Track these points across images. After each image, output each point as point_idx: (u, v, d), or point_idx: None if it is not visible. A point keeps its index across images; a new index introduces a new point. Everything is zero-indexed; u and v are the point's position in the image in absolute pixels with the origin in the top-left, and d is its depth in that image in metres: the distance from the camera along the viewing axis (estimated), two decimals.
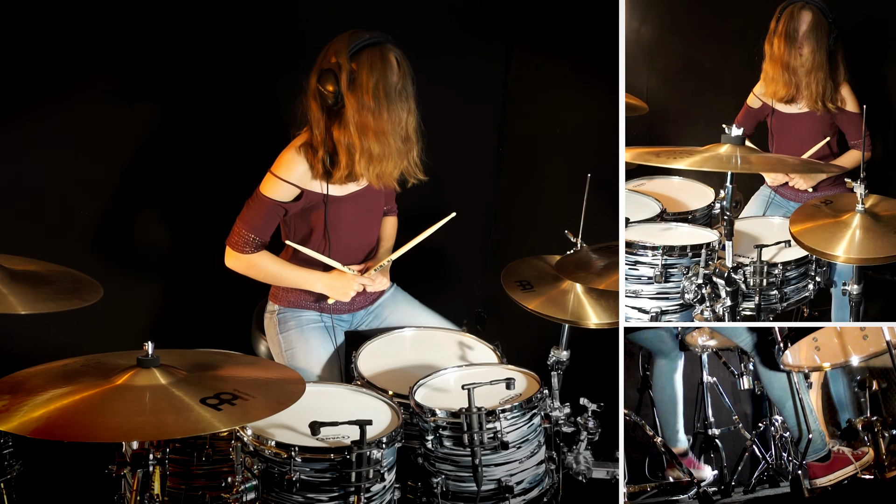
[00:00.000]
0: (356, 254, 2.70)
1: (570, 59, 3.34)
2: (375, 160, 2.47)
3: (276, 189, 2.51)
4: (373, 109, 2.41)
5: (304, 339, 2.64)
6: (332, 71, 2.41)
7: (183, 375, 1.94)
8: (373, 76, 2.40)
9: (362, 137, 2.44)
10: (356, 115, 2.42)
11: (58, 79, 2.82)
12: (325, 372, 2.60)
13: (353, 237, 2.68)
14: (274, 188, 2.51)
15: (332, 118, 2.46)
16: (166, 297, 3.17)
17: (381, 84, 2.41)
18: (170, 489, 2.09)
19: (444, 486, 2.19)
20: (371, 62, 2.40)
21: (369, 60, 2.40)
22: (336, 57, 2.41)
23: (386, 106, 2.43)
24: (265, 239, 2.57)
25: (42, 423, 1.73)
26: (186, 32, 2.97)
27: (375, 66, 2.40)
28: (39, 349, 2.34)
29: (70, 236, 2.94)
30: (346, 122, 2.43)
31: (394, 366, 2.55)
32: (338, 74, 2.40)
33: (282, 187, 2.50)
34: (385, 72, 2.41)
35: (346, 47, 2.40)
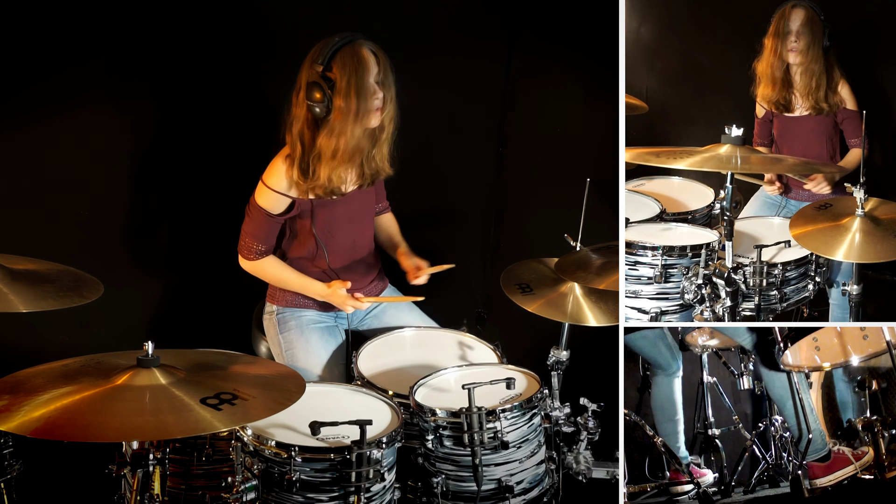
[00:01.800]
0: (351, 254, 2.70)
1: (570, 59, 3.34)
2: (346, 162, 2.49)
3: (268, 199, 2.53)
4: (346, 111, 2.42)
5: (304, 339, 2.65)
6: (315, 81, 2.42)
7: (183, 375, 1.94)
8: (345, 76, 2.41)
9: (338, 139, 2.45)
10: (336, 121, 2.43)
11: (58, 79, 2.82)
12: (326, 372, 2.61)
13: (348, 239, 2.68)
14: (266, 199, 2.54)
15: (321, 128, 2.47)
16: (166, 297, 3.17)
17: (354, 82, 2.42)
18: (170, 489, 2.09)
19: (444, 485, 2.19)
20: (344, 63, 2.41)
21: (341, 62, 2.42)
22: (312, 66, 2.43)
23: (361, 104, 2.43)
24: (270, 245, 2.61)
25: (42, 423, 1.73)
26: (185, 33, 2.97)
27: (348, 65, 2.41)
28: (39, 349, 2.35)
29: (70, 236, 2.93)
30: (329, 130, 2.45)
31: (394, 366, 2.55)
32: (318, 82, 2.41)
33: (273, 197, 2.53)
34: (359, 69, 2.42)
35: (318, 55, 2.42)
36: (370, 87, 2.44)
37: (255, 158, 2.60)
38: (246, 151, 2.64)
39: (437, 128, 2.53)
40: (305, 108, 2.46)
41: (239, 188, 2.62)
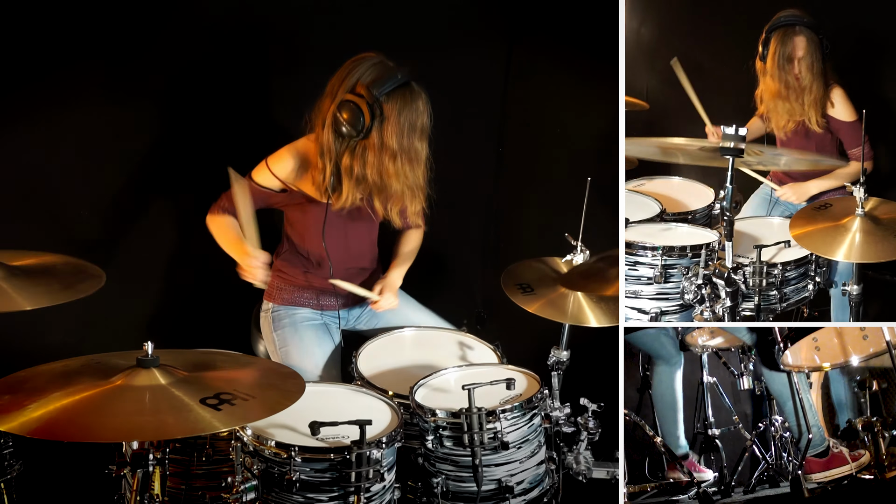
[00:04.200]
0: (344, 259, 2.69)
1: (571, 60, 3.34)
2: (395, 198, 2.50)
3: (264, 177, 2.54)
4: (394, 152, 2.41)
5: (298, 337, 2.64)
6: (356, 103, 2.37)
7: (183, 375, 1.94)
8: (400, 119, 2.39)
9: (382, 175, 2.44)
10: (376, 154, 2.41)
11: (58, 79, 2.82)
12: (321, 371, 2.60)
13: (340, 243, 2.64)
14: (262, 176, 2.54)
15: (345, 144, 2.44)
16: (166, 297, 3.17)
17: (408, 128, 2.41)
18: (170, 489, 2.10)
19: (444, 486, 2.19)
20: (402, 104, 2.39)
21: (400, 103, 2.39)
22: (363, 89, 2.37)
23: (407, 150, 2.43)
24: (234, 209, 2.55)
25: (42, 423, 1.73)
26: (186, 32, 2.97)
27: (405, 109, 2.40)
28: (40, 349, 2.35)
29: (70, 236, 2.93)
30: (361, 155, 2.43)
31: (394, 366, 2.55)
32: (361, 107, 2.37)
33: (269, 179, 2.54)
34: (412, 116, 2.41)
35: (375, 81, 2.37)
36: (416, 135, 2.44)
37: (255, 159, 2.59)
38: (246, 151, 2.64)
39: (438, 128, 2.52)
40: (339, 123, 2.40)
41: None
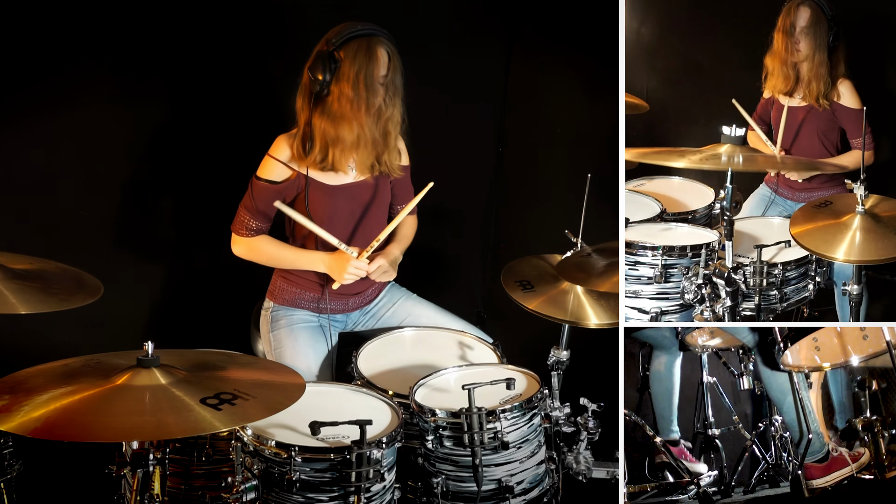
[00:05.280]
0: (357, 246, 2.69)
1: (570, 59, 3.34)
2: (348, 149, 2.51)
3: (269, 169, 2.55)
4: (351, 99, 2.45)
5: (293, 338, 2.64)
6: (322, 59, 2.45)
7: (183, 375, 1.94)
8: (354, 66, 2.44)
9: (337, 125, 2.47)
10: (335, 104, 2.46)
11: (58, 79, 2.82)
12: (314, 373, 2.59)
13: (347, 230, 2.64)
14: (267, 168, 2.55)
15: (317, 105, 2.49)
16: (166, 296, 3.17)
17: (363, 75, 2.44)
18: (170, 489, 2.09)
19: (444, 486, 2.19)
20: (356, 52, 2.44)
21: (354, 51, 2.44)
22: (326, 45, 2.46)
23: (365, 98, 2.46)
24: (264, 224, 2.59)
25: (42, 423, 1.73)
26: (185, 30, 2.97)
27: (360, 56, 2.44)
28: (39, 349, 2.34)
29: (70, 236, 2.93)
30: (326, 110, 2.47)
31: (394, 366, 2.55)
32: (326, 62, 2.44)
33: (274, 166, 2.54)
34: (368, 63, 2.44)
35: (336, 34, 2.45)
36: (374, 85, 2.45)
37: (256, 159, 2.60)
38: (247, 152, 2.64)
39: (437, 127, 2.53)
40: (308, 80, 2.49)
41: (240, 188, 2.62)
